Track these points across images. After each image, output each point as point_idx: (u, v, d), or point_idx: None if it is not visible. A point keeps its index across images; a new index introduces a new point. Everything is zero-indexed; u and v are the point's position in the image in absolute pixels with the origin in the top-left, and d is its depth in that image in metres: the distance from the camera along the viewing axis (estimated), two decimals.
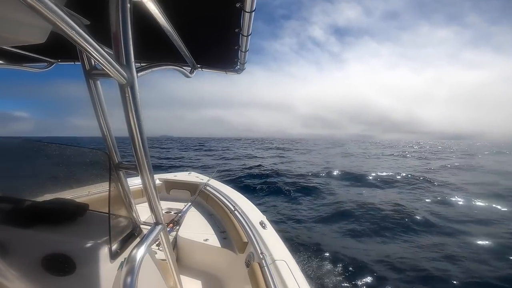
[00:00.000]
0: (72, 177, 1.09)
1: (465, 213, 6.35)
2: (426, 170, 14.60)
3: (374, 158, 23.31)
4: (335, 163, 17.75)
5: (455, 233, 5.12)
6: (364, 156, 25.21)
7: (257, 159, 19.81)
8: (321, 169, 13.88)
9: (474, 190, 8.89)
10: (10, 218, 0.83)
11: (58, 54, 1.51)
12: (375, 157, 24.52)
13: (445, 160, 21.51)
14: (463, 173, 13.66)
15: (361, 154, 27.86)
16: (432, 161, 21.25)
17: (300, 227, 5.42)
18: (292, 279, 1.38)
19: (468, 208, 6.92)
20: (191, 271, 2.17)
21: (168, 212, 3.02)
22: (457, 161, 20.46)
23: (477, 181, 10.76)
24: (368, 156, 25.40)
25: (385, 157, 25.20)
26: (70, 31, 0.48)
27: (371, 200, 7.31)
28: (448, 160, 21.52)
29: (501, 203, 7.06)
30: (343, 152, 32.04)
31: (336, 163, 17.79)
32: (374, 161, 20.85)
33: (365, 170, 13.65)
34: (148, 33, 1.02)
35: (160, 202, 0.97)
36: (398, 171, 13.36)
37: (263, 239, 1.83)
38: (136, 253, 0.80)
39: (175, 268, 1.22)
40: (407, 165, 17.68)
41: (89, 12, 0.79)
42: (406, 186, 9.67)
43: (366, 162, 19.15)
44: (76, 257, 0.76)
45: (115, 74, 0.66)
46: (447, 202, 7.46)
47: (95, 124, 0.89)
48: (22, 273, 0.78)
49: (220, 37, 1.23)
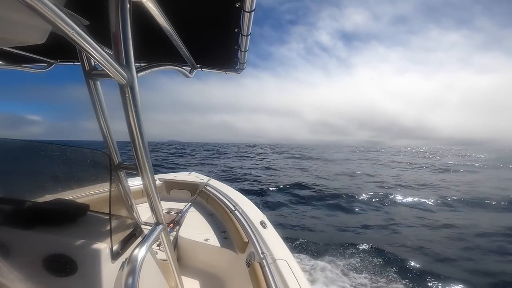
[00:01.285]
0: (72, 177, 1.09)
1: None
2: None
3: (422, 170, 19.25)
4: (385, 177, 14.35)
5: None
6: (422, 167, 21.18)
7: (293, 173, 15.75)
8: (383, 187, 11.12)
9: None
10: (11, 219, 0.83)
11: (58, 55, 1.50)
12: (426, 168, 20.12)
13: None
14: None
15: (405, 164, 24.47)
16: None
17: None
18: (293, 279, 1.38)
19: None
20: (192, 271, 2.17)
21: (168, 212, 3.02)
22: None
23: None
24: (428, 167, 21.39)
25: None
26: (69, 32, 0.48)
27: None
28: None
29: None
30: (374, 160, 29.58)
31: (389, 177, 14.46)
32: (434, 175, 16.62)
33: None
34: (148, 33, 1.02)
35: (160, 202, 0.97)
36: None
37: (264, 238, 1.83)
38: (137, 253, 0.80)
39: (176, 268, 1.22)
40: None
41: (89, 12, 0.79)
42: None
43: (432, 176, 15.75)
44: (78, 258, 0.76)
45: (115, 74, 0.66)
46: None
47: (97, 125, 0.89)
48: (23, 274, 0.78)
49: (220, 37, 1.23)
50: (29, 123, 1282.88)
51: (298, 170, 17.86)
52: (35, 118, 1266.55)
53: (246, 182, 12.35)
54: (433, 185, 12.26)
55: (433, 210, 7.93)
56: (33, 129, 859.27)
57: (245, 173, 15.15)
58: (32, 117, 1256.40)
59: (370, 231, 6.02)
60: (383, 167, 21.60)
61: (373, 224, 6.49)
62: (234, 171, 15.94)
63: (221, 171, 14.17)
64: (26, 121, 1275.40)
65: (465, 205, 8.47)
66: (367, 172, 16.64)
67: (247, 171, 16.32)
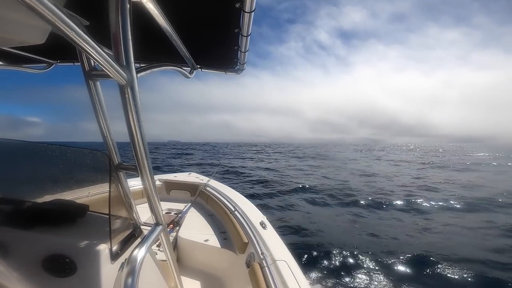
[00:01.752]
0: (72, 178, 1.09)
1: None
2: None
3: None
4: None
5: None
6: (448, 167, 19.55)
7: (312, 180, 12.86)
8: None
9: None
10: (10, 219, 0.83)
11: (58, 55, 1.50)
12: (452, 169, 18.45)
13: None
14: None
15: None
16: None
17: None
18: (292, 279, 1.38)
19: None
20: (191, 271, 2.17)
21: (168, 213, 3.01)
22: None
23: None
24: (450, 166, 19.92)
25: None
26: (69, 32, 0.48)
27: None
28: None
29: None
30: (386, 159, 27.38)
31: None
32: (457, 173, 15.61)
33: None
34: (148, 34, 1.02)
35: (160, 203, 0.97)
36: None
37: (264, 239, 1.83)
38: (137, 254, 0.80)
39: (175, 268, 1.22)
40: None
41: (89, 13, 0.79)
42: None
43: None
44: (77, 258, 0.76)
45: (115, 75, 0.66)
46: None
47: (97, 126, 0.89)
48: (23, 274, 0.77)
49: (220, 37, 1.23)
50: (28, 125, 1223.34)
51: (324, 178, 13.86)
52: (34, 119, 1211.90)
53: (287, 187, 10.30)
54: (476, 185, 11.38)
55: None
56: (32, 131, 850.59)
57: (278, 178, 13.09)
58: (32, 119, 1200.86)
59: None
60: (400, 167, 20.25)
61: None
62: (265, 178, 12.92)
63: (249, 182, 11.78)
64: (25, 123, 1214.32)
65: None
66: (387, 173, 15.54)
67: (275, 174, 14.52)
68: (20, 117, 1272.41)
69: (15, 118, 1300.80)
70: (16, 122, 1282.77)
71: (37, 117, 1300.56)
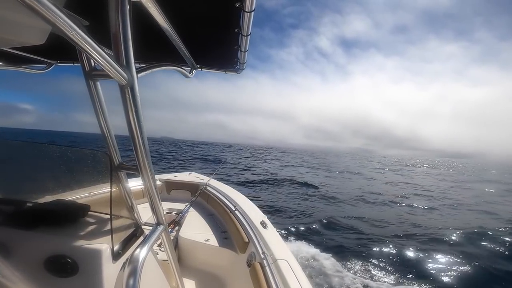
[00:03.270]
0: (73, 178, 1.10)
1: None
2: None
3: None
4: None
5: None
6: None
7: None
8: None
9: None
10: (12, 219, 0.83)
11: (58, 55, 1.50)
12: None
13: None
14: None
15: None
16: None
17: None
18: (293, 279, 1.38)
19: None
20: (192, 271, 2.17)
21: (169, 213, 3.02)
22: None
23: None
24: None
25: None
26: (69, 32, 0.48)
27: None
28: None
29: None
30: (393, 170, 25.62)
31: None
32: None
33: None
34: (148, 34, 1.02)
35: (161, 203, 0.97)
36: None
37: (264, 238, 1.83)
38: (138, 253, 0.80)
39: (177, 268, 1.22)
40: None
41: (89, 13, 0.78)
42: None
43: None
44: (79, 258, 0.76)
45: (115, 75, 0.66)
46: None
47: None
48: (24, 274, 0.78)
49: (220, 37, 1.22)
50: (21, 112, 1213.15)
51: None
52: (27, 106, 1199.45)
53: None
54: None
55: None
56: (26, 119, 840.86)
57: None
58: (25, 106, 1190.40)
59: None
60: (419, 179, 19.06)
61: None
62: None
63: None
64: (18, 110, 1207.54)
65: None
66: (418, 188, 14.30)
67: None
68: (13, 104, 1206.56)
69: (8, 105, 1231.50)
70: (9, 108, 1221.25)
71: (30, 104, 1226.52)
